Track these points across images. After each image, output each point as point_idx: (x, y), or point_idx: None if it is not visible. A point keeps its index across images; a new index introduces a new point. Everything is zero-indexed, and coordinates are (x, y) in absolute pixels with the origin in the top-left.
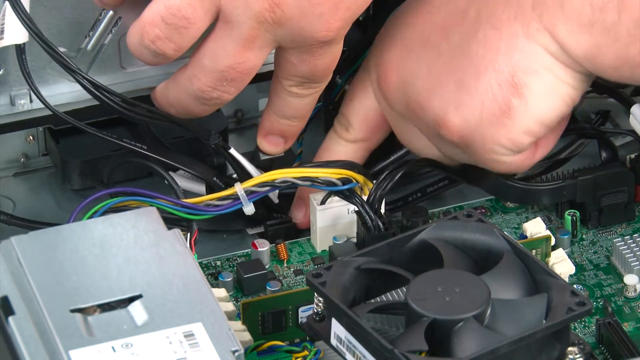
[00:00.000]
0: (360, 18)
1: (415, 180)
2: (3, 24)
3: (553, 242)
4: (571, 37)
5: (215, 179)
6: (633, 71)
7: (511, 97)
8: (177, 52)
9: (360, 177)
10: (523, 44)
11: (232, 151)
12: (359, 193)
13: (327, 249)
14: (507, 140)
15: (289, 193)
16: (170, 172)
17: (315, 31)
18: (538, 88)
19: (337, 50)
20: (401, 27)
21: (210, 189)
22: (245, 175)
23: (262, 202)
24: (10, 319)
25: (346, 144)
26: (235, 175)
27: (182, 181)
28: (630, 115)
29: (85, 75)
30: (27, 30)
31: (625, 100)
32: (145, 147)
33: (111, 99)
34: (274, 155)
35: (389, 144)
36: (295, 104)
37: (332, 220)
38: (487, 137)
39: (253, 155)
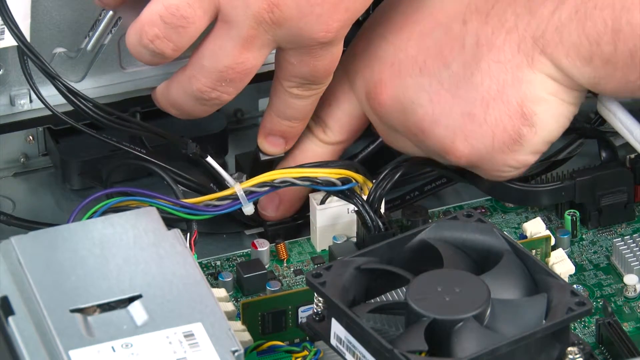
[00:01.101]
0: (360, 18)
1: (413, 179)
2: (3, 25)
3: (553, 242)
4: (574, 69)
5: (212, 185)
6: (633, 94)
7: (521, 126)
8: (175, 51)
9: (359, 177)
10: (529, 75)
11: (209, 160)
12: (358, 193)
13: (327, 249)
14: (515, 162)
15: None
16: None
17: (314, 32)
18: (546, 114)
19: (337, 51)
20: (388, 47)
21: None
22: (225, 184)
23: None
24: (10, 319)
25: (323, 145)
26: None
27: (181, 186)
28: (598, 103)
29: (64, 82)
30: (8, 30)
31: None
32: (144, 151)
33: (87, 106)
34: (274, 156)
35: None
36: (295, 105)
37: (331, 220)
38: (497, 161)
39: (254, 156)
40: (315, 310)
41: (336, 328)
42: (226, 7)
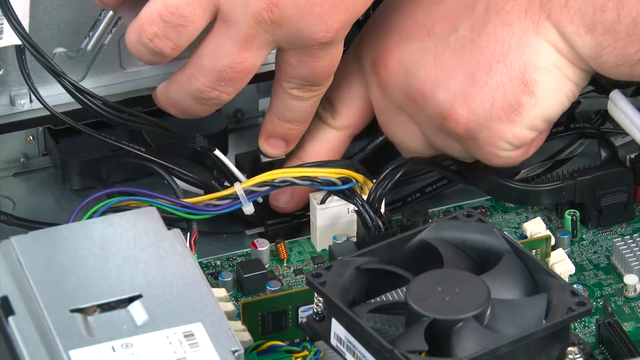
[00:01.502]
0: (361, 18)
1: (413, 181)
2: (2, 24)
3: (553, 242)
4: (577, 37)
5: (213, 182)
6: (632, 70)
7: (522, 94)
8: (175, 50)
9: (360, 177)
10: (533, 40)
11: (217, 153)
12: (358, 192)
13: (327, 249)
14: (512, 135)
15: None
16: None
17: (313, 32)
18: (547, 86)
19: (337, 52)
20: (398, 16)
21: (207, 191)
22: (232, 178)
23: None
24: (10, 319)
25: (331, 131)
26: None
27: (182, 181)
28: (609, 102)
29: (70, 79)
30: (12, 30)
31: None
32: (144, 150)
33: (95, 103)
34: (275, 158)
35: (390, 146)
36: (296, 106)
37: (331, 219)
38: (494, 132)
39: (254, 157)
40: (315, 310)
41: (336, 328)
42: (225, 6)
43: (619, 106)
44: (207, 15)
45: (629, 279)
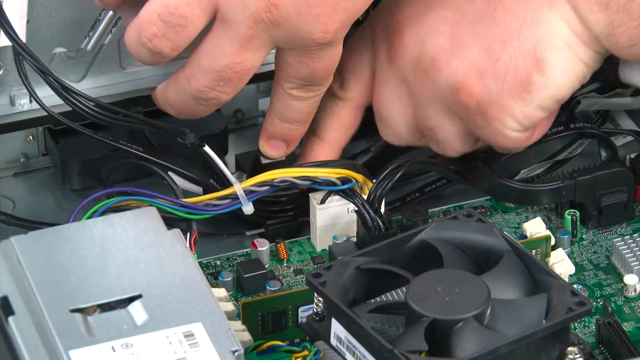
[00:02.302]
0: (361, 18)
1: (413, 180)
2: None
3: (553, 242)
4: (590, 14)
5: (211, 180)
6: None
7: (533, 71)
8: (174, 50)
9: (359, 177)
10: (547, 16)
11: (207, 149)
12: (358, 192)
13: (327, 249)
14: (521, 114)
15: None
16: (169, 173)
17: (312, 32)
18: (558, 65)
19: (336, 52)
20: None
21: (206, 191)
22: (222, 176)
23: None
24: (10, 319)
25: (341, 103)
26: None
27: (181, 181)
28: (621, 67)
29: (60, 80)
30: (2, 30)
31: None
32: (142, 149)
33: (85, 104)
34: (275, 159)
35: (390, 147)
36: (296, 107)
37: (331, 219)
38: (504, 108)
39: (254, 158)
40: (315, 310)
41: (336, 328)
42: (224, 6)
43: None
44: (206, 15)
45: (629, 279)
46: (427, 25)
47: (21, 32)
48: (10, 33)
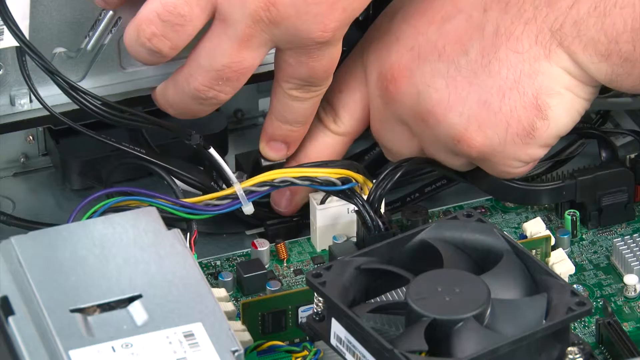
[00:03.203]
0: (360, 18)
1: (412, 180)
2: (2, 26)
3: (553, 242)
4: (591, 65)
5: (212, 183)
6: None
7: (535, 119)
8: (173, 50)
9: (359, 177)
10: (545, 67)
11: (212, 151)
12: (358, 192)
13: (327, 249)
14: (526, 155)
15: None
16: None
17: (311, 31)
18: (560, 108)
19: (335, 52)
20: (407, 29)
21: (206, 192)
22: (225, 178)
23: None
24: (10, 319)
25: (333, 136)
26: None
27: (181, 182)
28: None
29: (65, 78)
30: (8, 30)
31: None
32: (144, 151)
33: (92, 102)
34: (276, 162)
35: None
36: (296, 108)
37: (331, 219)
38: (508, 154)
39: (255, 160)
40: (315, 310)
41: (336, 328)
42: (223, 5)
43: None
44: (205, 14)
45: (629, 279)
46: (423, 78)
47: (24, 33)
48: (18, 34)
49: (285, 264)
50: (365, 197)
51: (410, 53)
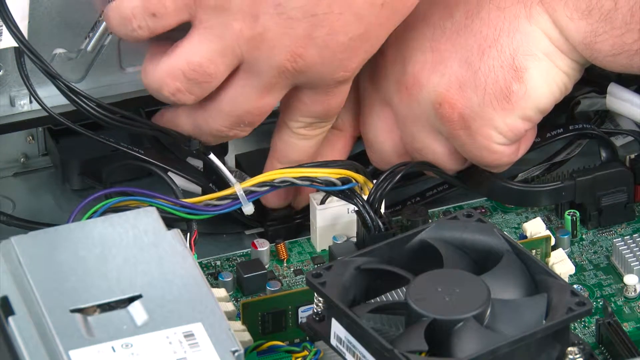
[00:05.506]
0: None
1: (413, 182)
2: (1, 26)
3: (553, 242)
4: (570, 22)
5: (211, 185)
6: (630, 59)
7: (512, 80)
8: (196, 100)
9: (360, 177)
10: (524, 25)
11: (212, 157)
12: (358, 193)
13: (327, 249)
14: (504, 125)
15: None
16: (169, 173)
17: (334, 73)
18: (536, 73)
19: (348, 87)
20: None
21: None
22: (226, 181)
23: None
24: (10, 319)
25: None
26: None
27: (181, 181)
28: (608, 97)
29: (65, 81)
30: (7, 31)
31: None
32: (142, 152)
33: (88, 104)
34: (280, 207)
35: None
36: (301, 146)
37: (331, 219)
38: (486, 120)
39: (254, 159)
40: (315, 310)
41: (336, 328)
42: (249, 58)
43: (620, 97)
44: (230, 70)
45: (629, 279)
46: (408, 44)
47: (23, 34)
48: (18, 36)
49: (285, 264)
50: (365, 198)
51: (400, 25)
